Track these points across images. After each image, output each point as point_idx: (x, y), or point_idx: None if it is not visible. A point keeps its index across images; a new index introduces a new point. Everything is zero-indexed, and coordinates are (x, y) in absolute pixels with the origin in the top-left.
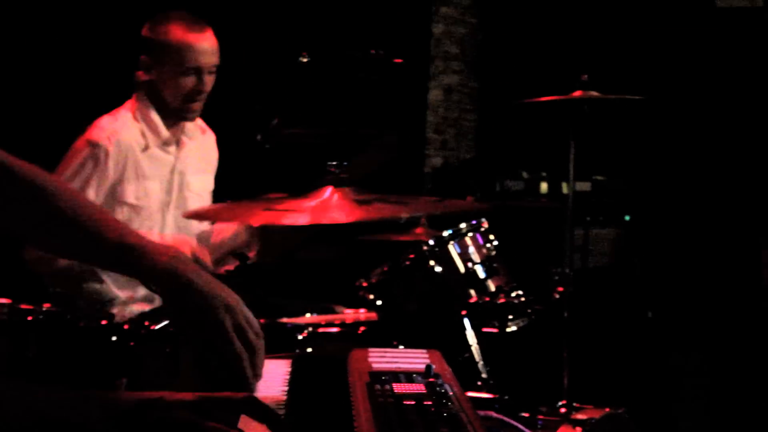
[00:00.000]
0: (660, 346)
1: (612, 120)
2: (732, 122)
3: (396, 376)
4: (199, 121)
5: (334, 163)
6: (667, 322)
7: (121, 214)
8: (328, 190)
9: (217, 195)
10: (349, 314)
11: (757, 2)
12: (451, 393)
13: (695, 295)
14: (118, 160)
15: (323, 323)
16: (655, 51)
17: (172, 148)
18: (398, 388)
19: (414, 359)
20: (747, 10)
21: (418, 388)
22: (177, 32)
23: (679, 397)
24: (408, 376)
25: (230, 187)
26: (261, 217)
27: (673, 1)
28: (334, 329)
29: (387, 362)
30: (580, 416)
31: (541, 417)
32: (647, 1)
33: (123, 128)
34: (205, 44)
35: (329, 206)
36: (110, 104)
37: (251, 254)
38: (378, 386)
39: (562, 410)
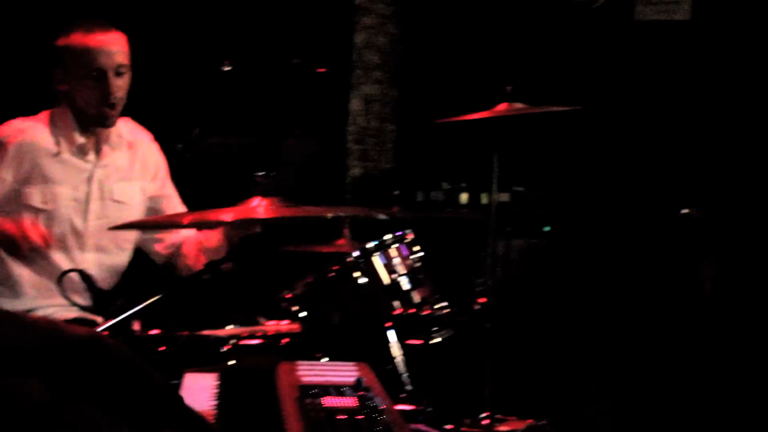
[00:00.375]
0: (580, 358)
1: (532, 131)
2: (653, 133)
3: (326, 389)
4: (133, 129)
5: (262, 173)
6: (586, 333)
7: (28, 218)
8: (255, 201)
9: None
10: (271, 326)
11: (674, 15)
12: (382, 406)
13: (614, 304)
14: (20, 160)
15: (246, 335)
16: (576, 62)
17: (91, 156)
18: (329, 401)
19: (343, 372)
20: (665, 22)
21: (349, 401)
22: (78, 37)
23: (600, 408)
24: (338, 390)
25: None
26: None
27: (592, 14)
28: (258, 341)
29: (316, 375)
30: (502, 428)
31: (464, 429)
32: (568, 13)
33: (31, 129)
34: (107, 45)
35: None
36: None
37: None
38: (309, 400)
39: (485, 422)
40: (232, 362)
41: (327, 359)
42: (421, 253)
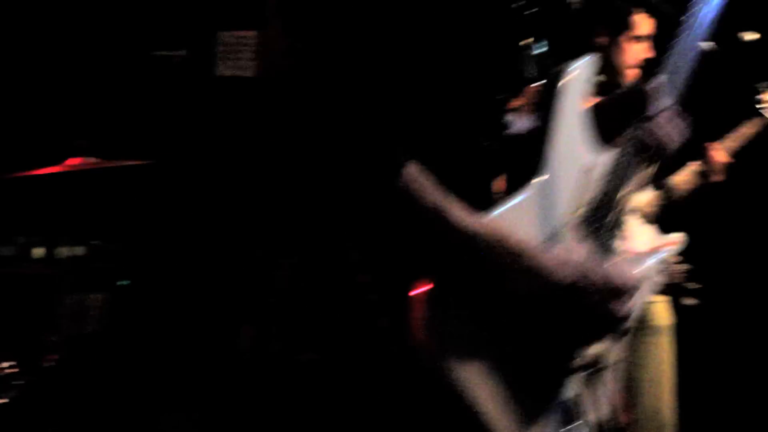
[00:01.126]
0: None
1: (108, 184)
2: (233, 185)
3: None
4: None
5: None
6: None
7: None
8: None
9: None
10: None
11: (244, 72)
12: None
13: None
14: None
15: None
16: (157, 116)
17: None
18: None
19: None
20: (246, 79)
21: None
22: None
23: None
24: None
25: None
26: None
27: (174, 68)
28: None
29: None
30: None
31: None
32: (149, 67)
33: None
34: None
35: None
36: None
37: None
38: None
39: None
40: None
41: None
42: None
